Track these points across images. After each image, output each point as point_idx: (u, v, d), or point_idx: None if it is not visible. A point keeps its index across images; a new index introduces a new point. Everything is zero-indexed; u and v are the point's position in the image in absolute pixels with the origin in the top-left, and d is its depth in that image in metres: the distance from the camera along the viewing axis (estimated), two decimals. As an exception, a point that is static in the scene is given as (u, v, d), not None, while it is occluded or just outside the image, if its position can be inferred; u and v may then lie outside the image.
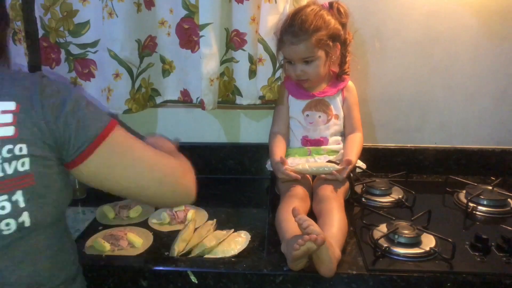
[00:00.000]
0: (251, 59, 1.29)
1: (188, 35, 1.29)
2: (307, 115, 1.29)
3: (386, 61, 1.38)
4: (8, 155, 0.67)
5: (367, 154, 1.36)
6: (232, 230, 1.10)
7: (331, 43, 1.20)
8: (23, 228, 0.69)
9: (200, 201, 1.22)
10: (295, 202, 1.09)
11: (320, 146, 1.28)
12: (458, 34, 1.34)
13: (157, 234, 1.11)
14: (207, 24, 1.20)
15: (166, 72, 1.37)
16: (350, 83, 1.31)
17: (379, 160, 1.42)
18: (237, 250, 1.02)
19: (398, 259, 0.96)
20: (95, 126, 0.73)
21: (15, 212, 0.68)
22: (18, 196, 0.68)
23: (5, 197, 0.67)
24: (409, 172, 1.37)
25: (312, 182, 1.23)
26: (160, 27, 1.31)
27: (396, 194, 1.25)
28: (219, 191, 1.38)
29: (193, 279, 0.93)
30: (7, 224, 0.68)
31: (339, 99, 1.29)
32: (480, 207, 1.19)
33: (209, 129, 1.45)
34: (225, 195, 1.36)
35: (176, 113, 1.44)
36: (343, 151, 1.26)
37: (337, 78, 1.29)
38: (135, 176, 0.78)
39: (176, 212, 1.18)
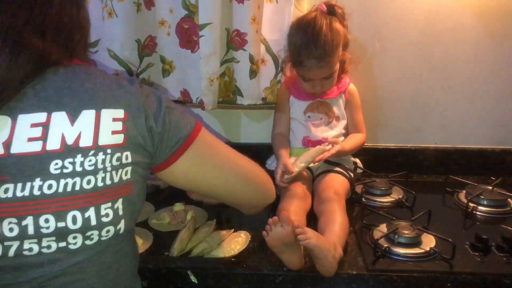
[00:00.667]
0: (251, 59, 1.29)
1: (188, 35, 1.29)
2: (309, 116, 1.28)
3: (386, 61, 1.38)
4: (117, 163, 0.68)
5: (367, 154, 1.36)
6: (232, 230, 1.10)
7: (344, 53, 1.21)
8: (118, 235, 0.70)
9: (200, 201, 1.23)
10: (294, 202, 1.09)
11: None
12: (458, 34, 1.34)
13: (157, 234, 1.11)
14: (207, 24, 1.20)
15: (166, 72, 1.37)
16: (352, 86, 1.30)
17: (379, 160, 1.42)
18: (237, 250, 1.02)
19: (398, 259, 0.96)
20: (186, 127, 0.76)
21: (116, 220, 0.68)
22: (119, 204, 0.69)
23: (108, 205, 0.67)
24: (409, 172, 1.37)
25: (313, 182, 1.23)
26: (160, 27, 1.31)
27: (396, 194, 1.25)
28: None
29: (193, 279, 0.93)
30: (107, 231, 0.68)
31: (341, 101, 1.29)
32: (480, 207, 1.19)
33: (209, 129, 1.44)
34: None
35: (176, 113, 1.44)
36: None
37: (338, 77, 1.27)
38: (223, 175, 0.82)
39: (176, 212, 1.18)
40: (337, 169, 1.23)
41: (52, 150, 0.65)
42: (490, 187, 1.26)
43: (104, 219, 0.67)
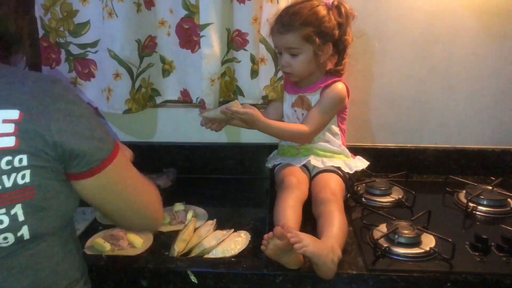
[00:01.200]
0: (253, 59, 1.29)
1: (188, 35, 1.29)
2: (295, 111, 1.29)
3: (386, 61, 1.38)
4: (7, 167, 0.64)
5: (367, 154, 1.36)
6: (232, 230, 1.10)
7: (318, 40, 1.16)
8: (22, 240, 0.67)
9: (200, 201, 1.24)
10: (291, 195, 1.09)
11: (310, 143, 1.26)
12: (458, 34, 1.34)
13: (157, 234, 1.11)
14: (207, 24, 1.20)
15: (166, 72, 1.37)
16: (337, 85, 1.23)
17: (379, 160, 1.42)
18: (237, 250, 1.02)
19: (398, 259, 0.96)
20: (107, 147, 0.73)
21: (14, 226, 0.66)
22: (17, 210, 0.66)
23: (3, 210, 0.65)
24: (409, 172, 1.37)
25: (310, 182, 1.23)
26: (160, 27, 1.31)
27: (396, 194, 1.25)
28: (219, 191, 1.38)
29: (193, 279, 0.93)
30: (5, 238, 0.66)
31: (316, 97, 1.25)
32: (480, 207, 1.19)
33: (209, 129, 1.45)
34: (225, 195, 1.36)
35: (176, 113, 1.44)
36: None
37: (326, 75, 1.24)
38: (126, 201, 0.79)
39: (176, 212, 1.18)
40: (333, 168, 1.23)
41: None
42: (490, 187, 1.26)
43: None
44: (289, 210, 1.04)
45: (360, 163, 1.29)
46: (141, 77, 1.30)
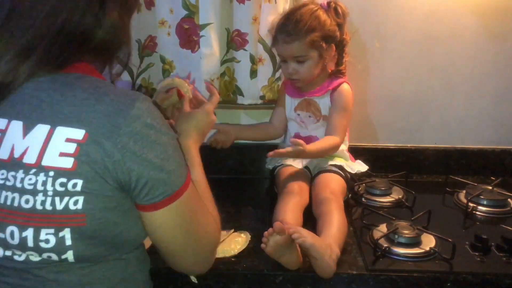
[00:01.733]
0: (252, 59, 1.29)
1: (188, 35, 1.29)
2: (298, 114, 1.29)
3: (386, 61, 1.38)
4: (60, 189, 0.61)
5: (367, 154, 1.36)
6: (232, 230, 1.10)
7: (324, 44, 1.17)
8: (67, 262, 0.65)
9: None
10: (291, 199, 1.10)
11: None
12: (458, 34, 1.34)
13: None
14: (207, 24, 1.20)
15: (166, 72, 1.37)
16: (344, 86, 1.24)
17: (379, 160, 1.42)
18: (237, 250, 1.02)
19: (398, 259, 0.96)
20: (176, 181, 0.68)
21: (59, 249, 0.63)
22: (66, 233, 0.63)
23: (51, 231, 0.62)
24: (409, 172, 1.37)
25: (310, 183, 1.23)
26: (160, 27, 1.31)
27: (396, 194, 1.25)
28: (219, 191, 1.37)
29: (193, 279, 0.93)
30: (49, 256, 0.64)
31: (327, 101, 1.25)
32: (480, 207, 1.19)
33: (209, 129, 1.45)
34: (225, 195, 1.35)
35: (176, 113, 1.44)
36: None
37: (330, 77, 1.26)
38: (185, 243, 0.74)
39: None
40: (333, 168, 1.23)
41: (1, 159, 0.64)
42: (490, 187, 1.26)
43: (43, 245, 0.63)
44: (289, 213, 1.04)
45: (360, 167, 1.29)
46: (141, 77, 1.30)
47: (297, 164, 1.24)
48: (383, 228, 1.05)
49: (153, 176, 0.65)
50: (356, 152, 1.34)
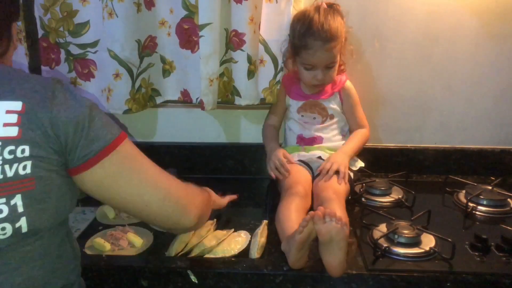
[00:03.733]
0: (249, 60, 1.29)
1: (188, 35, 1.29)
2: (302, 116, 1.29)
3: (386, 61, 1.38)
4: (10, 157, 0.65)
5: (367, 154, 1.36)
6: (232, 230, 1.10)
7: (343, 49, 1.23)
8: (20, 233, 0.67)
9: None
10: (295, 200, 1.09)
11: (313, 144, 1.29)
12: (458, 34, 1.34)
13: (157, 234, 1.11)
14: (206, 24, 1.20)
15: (166, 72, 1.37)
16: (348, 83, 1.30)
17: (379, 160, 1.42)
18: (237, 250, 1.02)
19: (398, 259, 0.96)
20: (105, 137, 0.72)
21: (13, 217, 0.66)
22: (17, 200, 0.66)
23: (3, 200, 0.65)
24: (409, 172, 1.37)
25: (312, 182, 1.23)
26: (160, 27, 1.31)
27: (396, 194, 1.25)
28: (219, 191, 1.38)
29: (193, 279, 0.93)
30: (3, 229, 0.66)
31: (334, 101, 1.29)
32: (480, 207, 1.19)
33: (209, 129, 1.45)
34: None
35: (176, 113, 1.44)
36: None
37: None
38: (138, 191, 0.77)
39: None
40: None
41: None
42: (490, 187, 1.26)
43: None
44: (294, 213, 1.04)
45: (357, 163, 1.31)
46: (141, 77, 1.30)
47: (301, 157, 1.27)
48: (383, 228, 1.05)
49: (82, 133, 0.70)
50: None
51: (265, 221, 1.10)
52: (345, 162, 1.20)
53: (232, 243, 1.05)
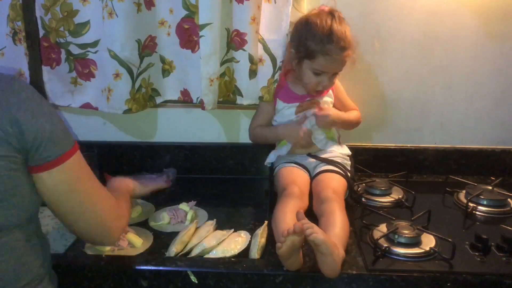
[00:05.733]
0: (251, 59, 1.29)
1: (189, 35, 1.29)
2: (297, 116, 1.29)
3: (386, 61, 1.38)
4: None
5: (367, 154, 1.36)
6: (232, 230, 1.10)
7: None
8: None
9: (200, 201, 1.24)
10: (291, 201, 1.09)
11: None
12: (458, 34, 1.34)
13: (157, 234, 1.11)
14: (207, 24, 1.20)
15: (166, 72, 1.37)
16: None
17: (379, 160, 1.42)
18: (237, 250, 1.02)
19: (398, 259, 0.96)
20: (65, 142, 0.76)
21: None
22: None
23: None
24: (409, 172, 1.37)
25: (311, 182, 1.23)
26: (160, 27, 1.31)
27: (396, 194, 1.25)
28: (219, 191, 1.38)
29: (193, 279, 0.93)
30: None
31: (330, 96, 1.31)
32: (480, 207, 1.19)
33: (209, 129, 1.45)
34: (225, 195, 1.35)
35: (176, 113, 1.44)
36: None
37: None
38: (78, 204, 0.80)
39: (176, 212, 1.18)
40: (335, 168, 1.23)
41: None
42: (490, 187, 1.26)
43: None
44: (289, 215, 1.03)
45: (344, 149, 1.33)
46: (141, 77, 1.30)
47: (302, 159, 1.26)
48: (383, 228, 1.05)
49: (44, 137, 0.72)
50: (356, 152, 1.34)
51: (266, 222, 1.10)
52: (332, 123, 1.28)
53: (232, 243, 1.04)
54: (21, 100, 0.71)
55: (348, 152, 1.32)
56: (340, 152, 1.29)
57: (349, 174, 1.23)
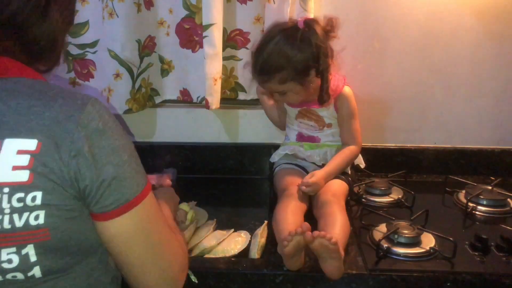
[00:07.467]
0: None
1: (189, 35, 1.29)
2: (300, 122, 1.27)
3: (385, 61, 1.38)
4: (18, 205, 0.57)
5: (367, 154, 1.36)
6: (232, 230, 1.10)
7: (299, 76, 1.11)
8: (34, 278, 0.61)
9: (200, 201, 1.24)
10: (292, 202, 1.09)
11: (313, 142, 1.26)
12: (458, 34, 1.34)
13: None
14: (210, 25, 1.20)
15: (164, 72, 1.37)
16: (345, 90, 1.20)
17: (379, 160, 1.42)
18: (237, 250, 1.02)
19: (398, 259, 0.96)
20: (131, 189, 0.64)
21: (24, 266, 0.59)
22: (29, 250, 0.59)
23: (13, 249, 0.58)
24: (409, 172, 1.37)
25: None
26: (159, 27, 1.31)
27: (396, 194, 1.25)
28: (219, 191, 1.38)
29: (193, 279, 0.93)
30: (13, 276, 0.60)
31: (328, 111, 1.22)
32: (479, 207, 1.19)
33: (209, 129, 1.45)
34: (225, 195, 1.36)
35: (176, 113, 1.44)
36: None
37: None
38: (144, 256, 0.68)
39: (176, 212, 1.18)
40: None
41: None
42: (490, 187, 1.26)
43: (6, 265, 0.58)
44: (290, 216, 1.03)
45: (361, 161, 1.30)
46: (141, 77, 1.30)
47: (304, 164, 1.25)
48: (382, 228, 1.05)
49: (104, 184, 0.61)
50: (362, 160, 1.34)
51: (266, 222, 1.10)
52: (322, 187, 1.14)
53: (232, 243, 1.04)
54: (85, 137, 0.60)
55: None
56: None
57: (349, 178, 1.23)
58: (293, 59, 1.10)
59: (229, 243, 1.04)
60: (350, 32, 1.28)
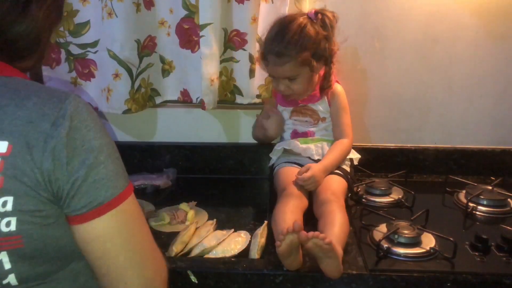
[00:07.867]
0: (251, 59, 1.29)
1: (189, 35, 1.29)
2: (295, 120, 1.29)
3: (386, 61, 1.38)
4: None
5: (367, 154, 1.36)
6: (232, 230, 1.10)
7: (315, 63, 1.16)
8: (10, 286, 0.58)
9: (200, 201, 1.24)
10: (291, 201, 1.09)
11: (307, 137, 1.29)
12: (458, 34, 1.34)
13: (157, 234, 1.11)
14: (207, 24, 1.20)
15: (165, 72, 1.37)
16: (336, 87, 1.25)
17: (379, 160, 1.42)
18: (237, 250, 1.02)
19: (398, 259, 0.96)
20: (106, 191, 0.59)
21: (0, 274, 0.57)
22: (3, 257, 0.56)
23: None
24: (409, 172, 1.37)
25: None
26: (160, 27, 1.31)
27: (396, 194, 1.25)
28: (219, 191, 1.38)
29: (193, 279, 0.93)
30: None
31: (322, 105, 1.27)
32: (480, 207, 1.19)
33: (209, 129, 1.45)
34: (225, 195, 1.36)
35: (176, 113, 1.44)
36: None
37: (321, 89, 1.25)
38: (124, 265, 0.62)
39: (176, 212, 1.18)
40: (334, 170, 1.23)
41: None
42: (490, 187, 1.26)
43: None
44: (289, 215, 1.03)
45: (355, 155, 1.31)
46: (141, 77, 1.30)
47: (302, 161, 1.25)
48: (382, 228, 1.05)
49: (75, 185, 0.58)
50: (355, 151, 1.34)
51: (266, 222, 1.10)
52: (321, 181, 1.16)
53: (232, 243, 1.04)
54: (59, 136, 0.56)
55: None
56: None
57: (348, 175, 1.23)
58: (315, 40, 1.14)
59: (229, 243, 1.04)
60: (350, 32, 1.28)
